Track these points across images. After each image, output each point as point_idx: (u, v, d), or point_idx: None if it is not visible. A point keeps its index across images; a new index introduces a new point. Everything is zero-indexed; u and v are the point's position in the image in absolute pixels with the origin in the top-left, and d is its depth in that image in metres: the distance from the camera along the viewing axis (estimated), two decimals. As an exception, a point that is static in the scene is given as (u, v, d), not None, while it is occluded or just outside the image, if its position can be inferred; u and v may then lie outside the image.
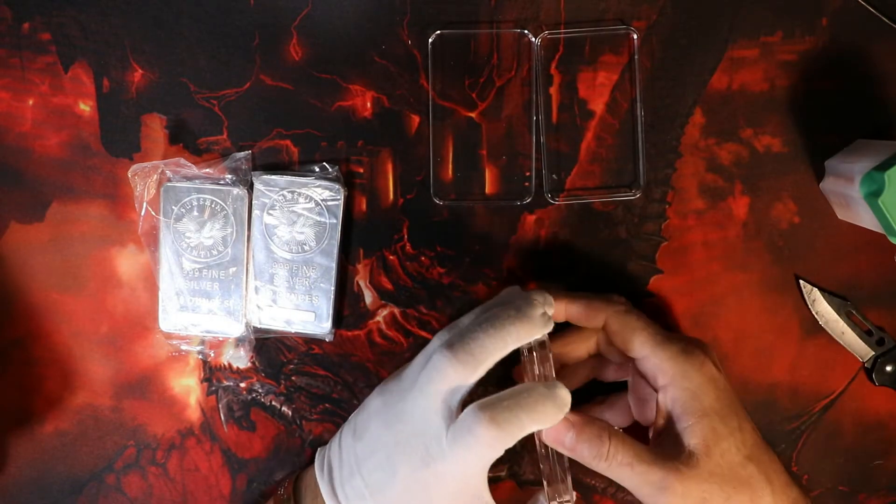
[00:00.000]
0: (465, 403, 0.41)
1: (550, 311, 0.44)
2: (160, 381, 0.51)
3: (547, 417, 0.41)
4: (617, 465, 0.42)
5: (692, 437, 0.42)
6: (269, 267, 0.50)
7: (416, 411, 0.42)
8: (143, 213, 0.50)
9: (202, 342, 0.51)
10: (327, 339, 0.51)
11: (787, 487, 0.43)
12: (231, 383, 0.52)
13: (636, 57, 0.50)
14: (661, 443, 0.43)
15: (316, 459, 0.47)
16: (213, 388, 0.52)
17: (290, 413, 0.52)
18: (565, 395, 0.41)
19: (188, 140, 0.51)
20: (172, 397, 0.52)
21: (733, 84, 0.50)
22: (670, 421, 0.43)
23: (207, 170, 0.50)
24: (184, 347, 0.51)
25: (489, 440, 0.40)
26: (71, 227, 0.51)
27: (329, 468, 0.45)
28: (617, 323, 0.45)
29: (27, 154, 0.50)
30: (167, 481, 0.52)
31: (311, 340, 0.51)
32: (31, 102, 0.50)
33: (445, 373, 0.41)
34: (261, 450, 0.52)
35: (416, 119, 0.50)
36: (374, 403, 0.45)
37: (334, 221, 0.50)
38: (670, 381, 0.43)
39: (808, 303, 0.51)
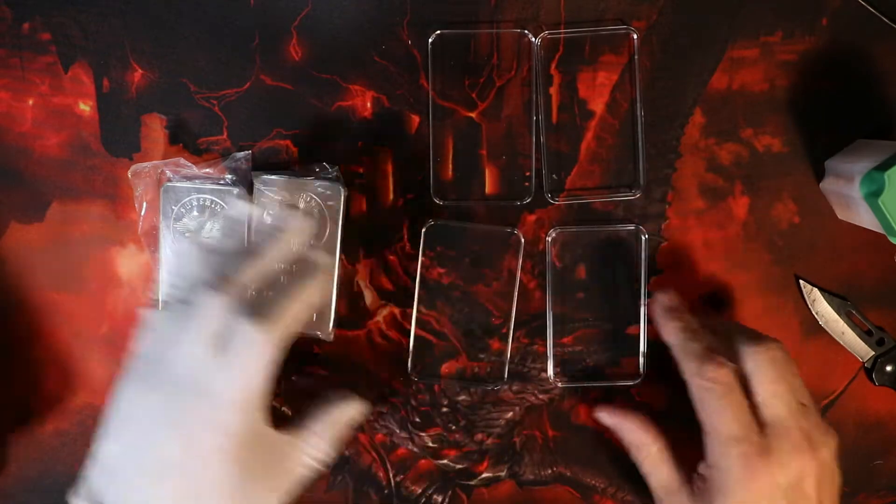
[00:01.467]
0: None
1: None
2: (160, 381, 0.51)
3: (304, 292, 0.41)
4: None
5: None
6: (269, 267, 0.50)
7: (175, 357, 0.38)
8: (143, 213, 0.50)
9: (202, 342, 0.51)
10: (327, 339, 0.51)
11: None
12: (231, 383, 0.52)
13: (636, 57, 0.50)
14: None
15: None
16: (213, 388, 0.51)
17: (290, 413, 0.52)
18: (321, 257, 0.44)
19: (188, 140, 0.51)
20: (172, 397, 0.51)
21: (733, 84, 0.50)
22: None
23: (207, 170, 0.50)
24: (184, 347, 0.51)
25: (258, 328, 0.38)
26: (71, 227, 0.51)
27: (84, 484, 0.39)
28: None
29: (27, 154, 0.50)
30: (167, 481, 0.52)
31: (311, 340, 0.51)
32: (31, 102, 0.50)
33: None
34: (261, 450, 0.52)
35: (416, 119, 0.50)
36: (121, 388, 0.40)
37: (334, 221, 0.50)
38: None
39: (808, 303, 0.51)
